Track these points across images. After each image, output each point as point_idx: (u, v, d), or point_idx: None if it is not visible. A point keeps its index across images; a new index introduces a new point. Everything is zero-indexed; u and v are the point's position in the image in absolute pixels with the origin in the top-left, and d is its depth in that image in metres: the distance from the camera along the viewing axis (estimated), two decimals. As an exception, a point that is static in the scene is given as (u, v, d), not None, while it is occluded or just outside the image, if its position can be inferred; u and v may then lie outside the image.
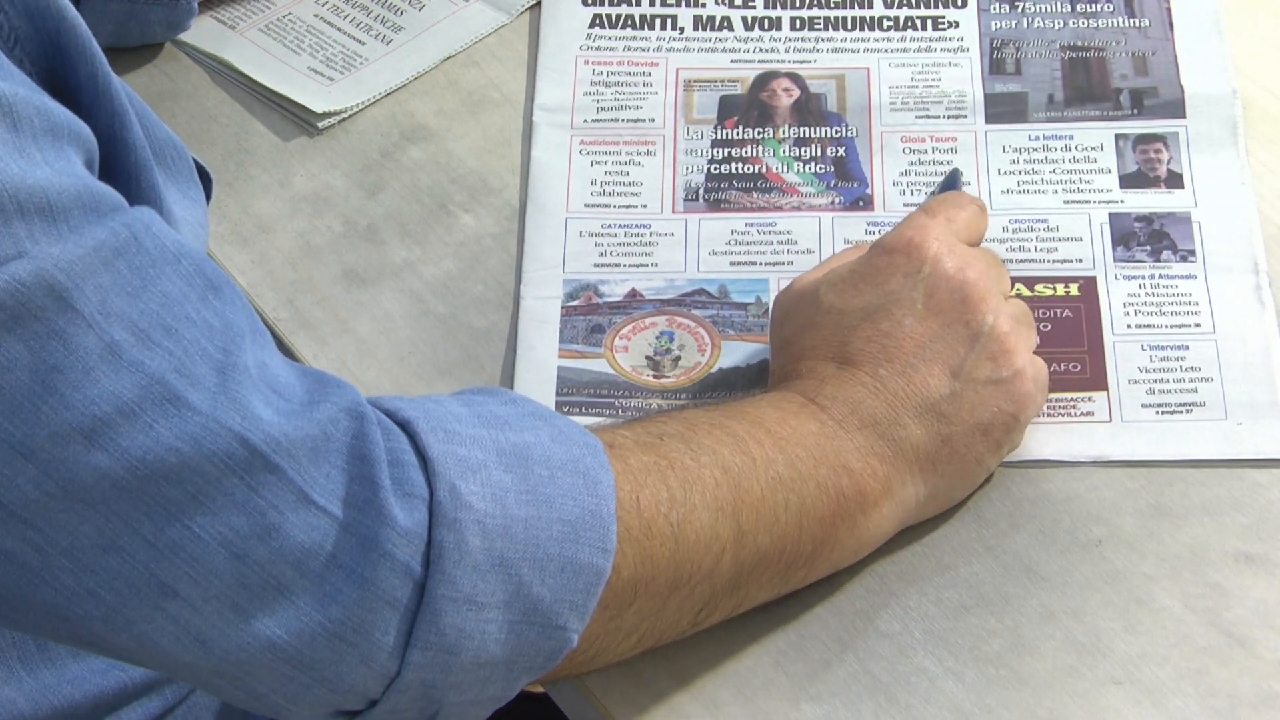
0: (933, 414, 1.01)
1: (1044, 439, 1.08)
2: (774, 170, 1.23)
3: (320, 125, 1.27)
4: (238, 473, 0.82)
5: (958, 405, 1.02)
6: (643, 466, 0.94)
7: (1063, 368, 1.12)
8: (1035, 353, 1.06)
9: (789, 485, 0.97)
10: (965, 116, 1.25)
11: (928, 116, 1.25)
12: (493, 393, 0.95)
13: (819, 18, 1.30)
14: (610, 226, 1.21)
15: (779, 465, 0.97)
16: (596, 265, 1.19)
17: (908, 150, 1.23)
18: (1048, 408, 1.09)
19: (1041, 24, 1.29)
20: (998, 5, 1.30)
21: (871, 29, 1.30)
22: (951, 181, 1.17)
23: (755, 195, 1.22)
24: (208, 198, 1.04)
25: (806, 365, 1.04)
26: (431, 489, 0.87)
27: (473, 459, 0.88)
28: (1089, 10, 1.29)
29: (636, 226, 1.21)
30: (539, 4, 1.33)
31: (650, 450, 0.95)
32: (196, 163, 1.03)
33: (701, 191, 1.22)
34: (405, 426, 0.89)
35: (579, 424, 0.95)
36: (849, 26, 1.30)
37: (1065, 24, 1.29)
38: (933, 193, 1.17)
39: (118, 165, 0.91)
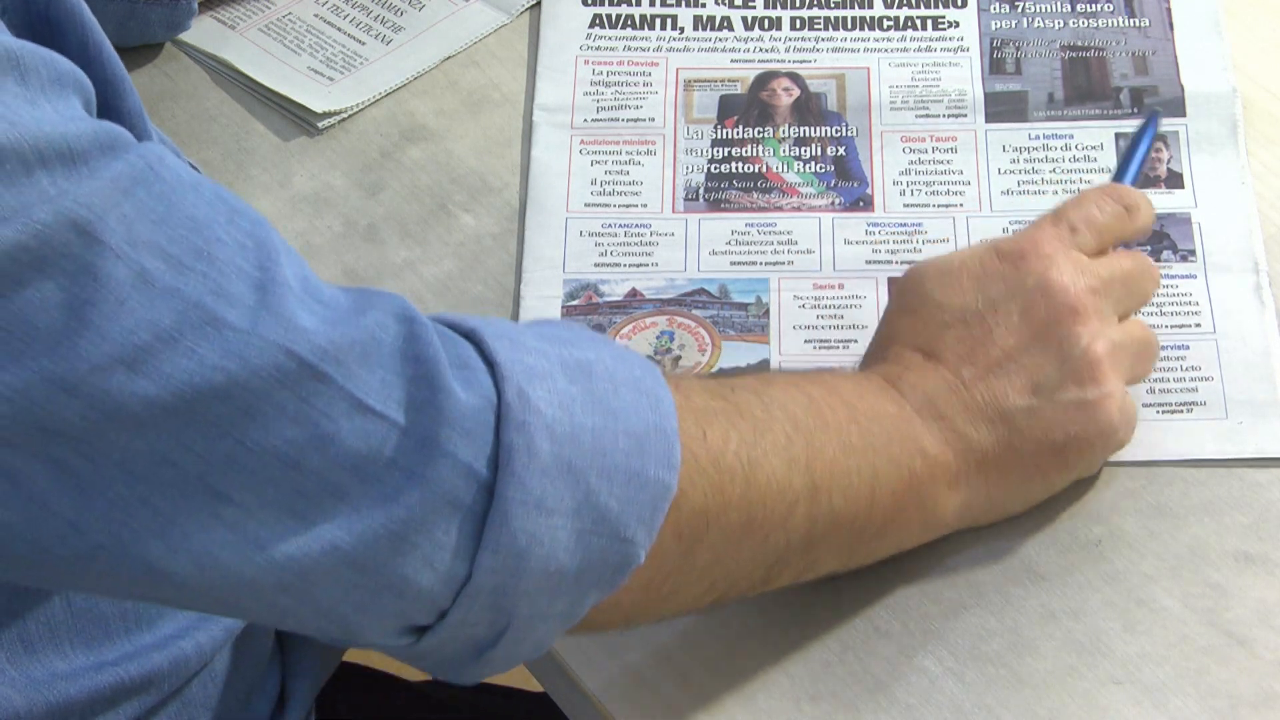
0: (1006, 423, 1.01)
1: (1044, 439, 1.08)
2: (774, 170, 1.23)
3: (320, 125, 1.27)
4: (287, 385, 0.81)
5: (1033, 421, 1.01)
6: (709, 409, 0.94)
7: (1063, 367, 1.12)
8: None
9: (861, 453, 0.97)
10: (965, 116, 1.25)
11: (928, 116, 1.25)
12: (552, 320, 0.96)
13: (819, 17, 1.31)
14: (610, 226, 1.21)
15: (852, 433, 0.97)
16: (597, 265, 1.19)
17: (908, 150, 1.23)
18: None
19: (1041, 24, 1.29)
20: (998, 5, 1.30)
21: (871, 29, 1.30)
22: (1143, 132, 1.14)
23: (755, 195, 1.22)
24: None
25: (894, 351, 1.04)
26: (500, 391, 0.86)
27: (539, 367, 0.88)
28: (1089, 10, 1.29)
29: (636, 226, 1.21)
30: (539, 4, 1.33)
31: (719, 397, 0.95)
32: (191, 166, 1.03)
33: (702, 191, 1.22)
34: (470, 335, 0.88)
35: (636, 352, 0.94)
36: (849, 26, 1.30)
37: (1065, 24, 1.29)
38: (1131, 140, 1.14)
39: None
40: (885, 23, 1.30)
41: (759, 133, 1.25)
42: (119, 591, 0.87)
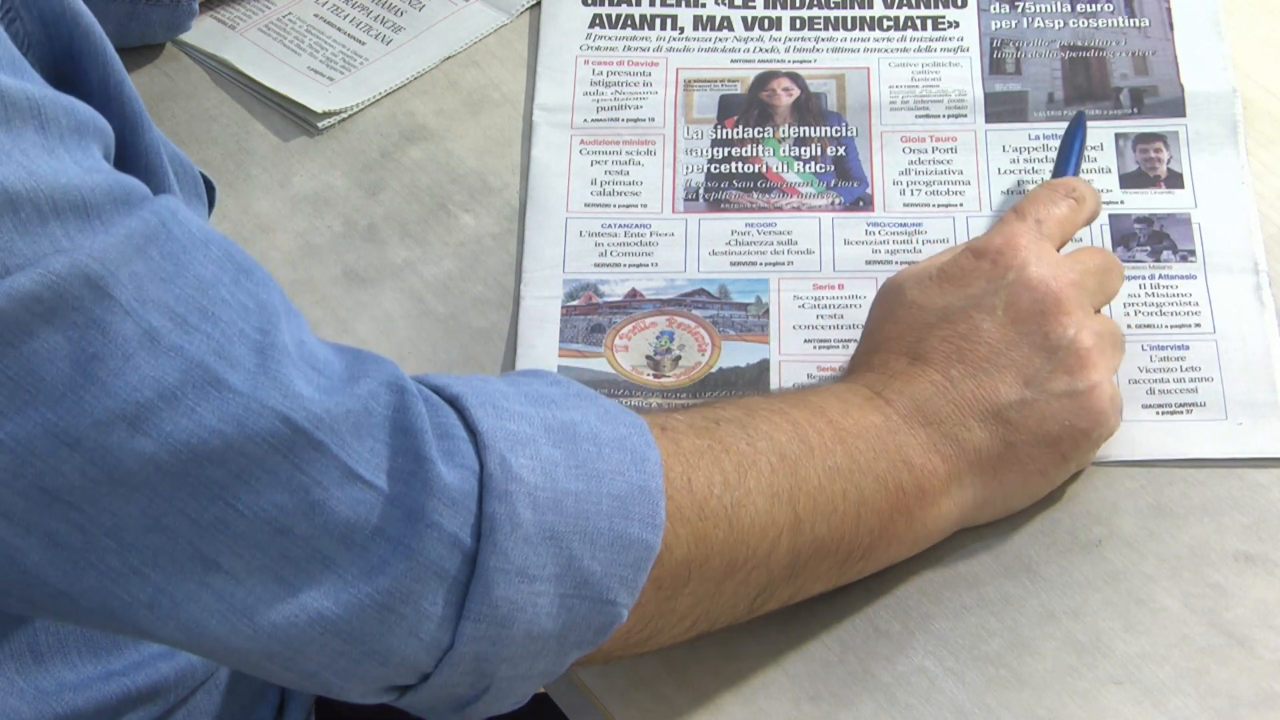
0: (999, 420, 1.01)
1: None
2: (774, 170, 1.23)
3: (320, 125, 1.27)
4: (281, 451, 0.82)
5: (1026, 414, 1.01)
6: (695, 450, 0.94)
7: (1063, 368, 1.12)
8: None
9: (847, 476, 0.97)
10: (965, 116, 1.25)
11: (928, 116, 1.25)
12: (538, 374, 0.96)
13: (819, 17, 1.31)
14: (610, 226, 1.21)
15: (837, 455, 0.98)
16: (596, 265, 1.19)
17: (908, 150, 1.23)
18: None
19: (1041, 24, 1.29)
20: (998, 5, 1.30)
21: (871, 29, 1.30)
22: (1074, 130, 1.17)
23: (755, 195, 1.22)
24: (211, 206, 1.04)
25: (879, 358, 1.04)
26: (482, 461, 0.87)
27: (522, 433, 0.88)
28: (1089, 10, 1.29)
29: (636, 226, 1.21)
30: (539, 4, 1.33)
31: (705, 435, 0.95)
32: (201, 173, 1.03)
33: (701, 191, 1.22)
34: (454, 402, 0.89)
35: (624, 406, 0.95)
36: (849, 26, 1.30)
37: (1065, 24, 1.29)
38: (1060, 146, 1.17)
39: (128, 169, 0.91)
40: (885, 23, 1.30)
41: (759, 133, 1.25)
42: (118, 634, 0.87)
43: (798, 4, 1.31)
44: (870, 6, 1.31)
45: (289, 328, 0.85)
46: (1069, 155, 1.17)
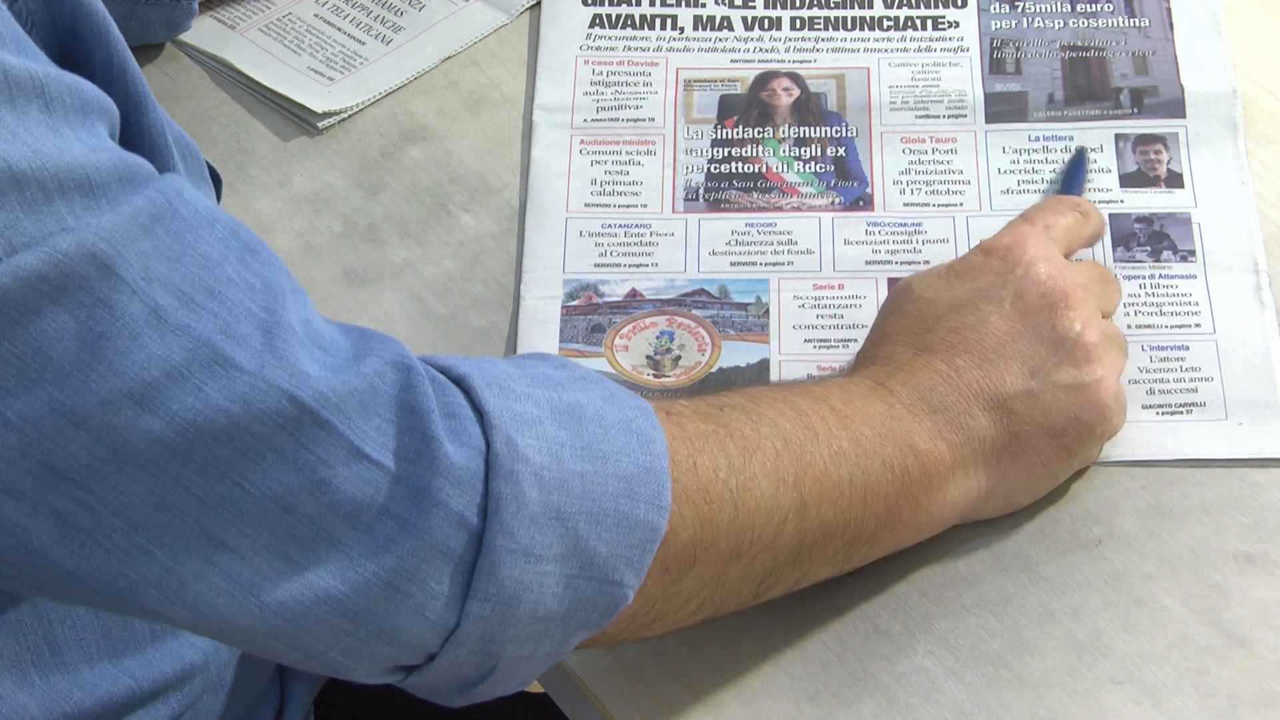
0: (1004, 409, 1.02)
1: (1044, 439, 1.08)
2: (774, 170, 1.23)
3: (320, 125, 1.27)
4: (287, 429, 0.82)
5: (1031, 405, 1.02)
6: (700, 434, 0.94)
7: (1063, 368, 1.12)
8: None
9: (853, 460, 0.98)
10: (965, 116, 1.25)
11: (928, 116, 1.25)
12: (544, 358, 0.96)
13: (819, 17, 1.31)
14: (610, 226, 1.21)
15: (842, 440, 0.98)
16: (596, 265, 1.19)
17: (908, 150, 1.23)
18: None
19: (1041, 24, 1.29)
20: (998, 5, 1.30)
21: (871, 29, 1.30)
22: (1078, 161, 1.19)
23: (755, 195, 1.22)
24: (217, 198, 1.05)
25: (884, 350, 1.04)
26: (488, 441, 0.87)
27: (528, 414, 0.89)
28: (1089, 10, 1.29)
29: (636, 226, 1.21)
30: (539, 4, 1.33)
31: (709, 420, 0.96)
32: (208, 165, 1.03)
33: (701, 191, 1.22)
34: (460, 382, 0.89)
35: (629, 390, 0.95)
36: (849, 26, 1.30)
37: (1065, 24, 1.29)
38: (1060, 175, 1.19)
39: (132, 148, 0.91)
40: (885, 23, 1.30)
41: (759, 133, 1.25)
42: (117, 615, 0.87)
43: (798, 4, 1.31)
44: (870, 6, 1.31)
45: (295, 307, 0.85)
46: (1072, 181, 1.18)
